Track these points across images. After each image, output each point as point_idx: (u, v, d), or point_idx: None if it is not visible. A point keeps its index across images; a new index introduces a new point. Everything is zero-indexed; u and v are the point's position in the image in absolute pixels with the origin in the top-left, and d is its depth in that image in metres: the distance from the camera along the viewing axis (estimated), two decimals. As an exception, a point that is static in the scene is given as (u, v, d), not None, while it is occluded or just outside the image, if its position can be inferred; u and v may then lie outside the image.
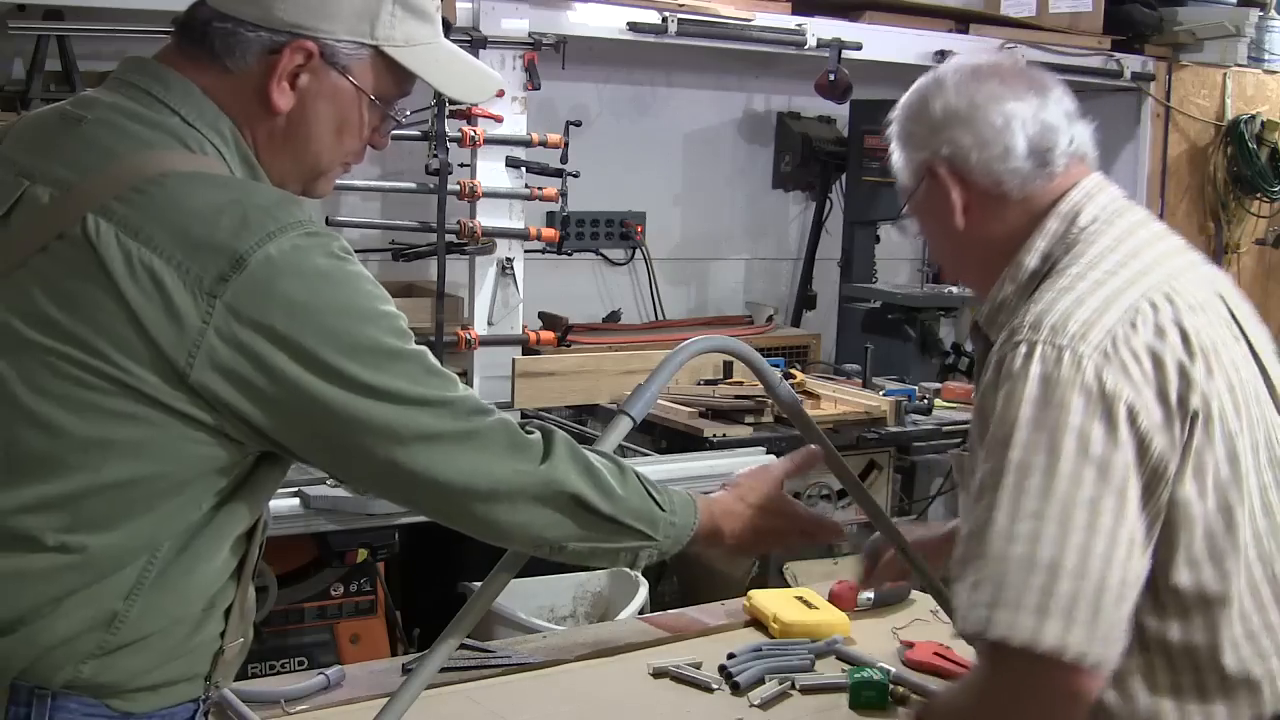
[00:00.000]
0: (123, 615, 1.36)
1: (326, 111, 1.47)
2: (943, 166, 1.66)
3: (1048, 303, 1.52)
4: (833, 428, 3.75)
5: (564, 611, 3.39)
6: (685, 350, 1.88)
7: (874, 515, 2.17)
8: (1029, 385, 1.45)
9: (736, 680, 2.17)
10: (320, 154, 1.50)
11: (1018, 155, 1.64)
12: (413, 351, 1.44)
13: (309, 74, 1.44)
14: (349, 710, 2.03)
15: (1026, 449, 1.43)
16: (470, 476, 1.46)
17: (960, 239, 1.69)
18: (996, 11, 5.30)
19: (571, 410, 4.11)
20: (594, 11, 4.23)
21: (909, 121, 1.73)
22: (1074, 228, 1.62)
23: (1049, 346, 1.46)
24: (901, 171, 1.75)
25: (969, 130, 1.65)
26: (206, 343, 1.31)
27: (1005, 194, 1.64)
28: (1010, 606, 1.39)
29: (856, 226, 5.02)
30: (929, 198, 1.69)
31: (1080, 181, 1.66)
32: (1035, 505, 1.41)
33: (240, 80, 1.44)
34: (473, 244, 4.04)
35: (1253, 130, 5.46)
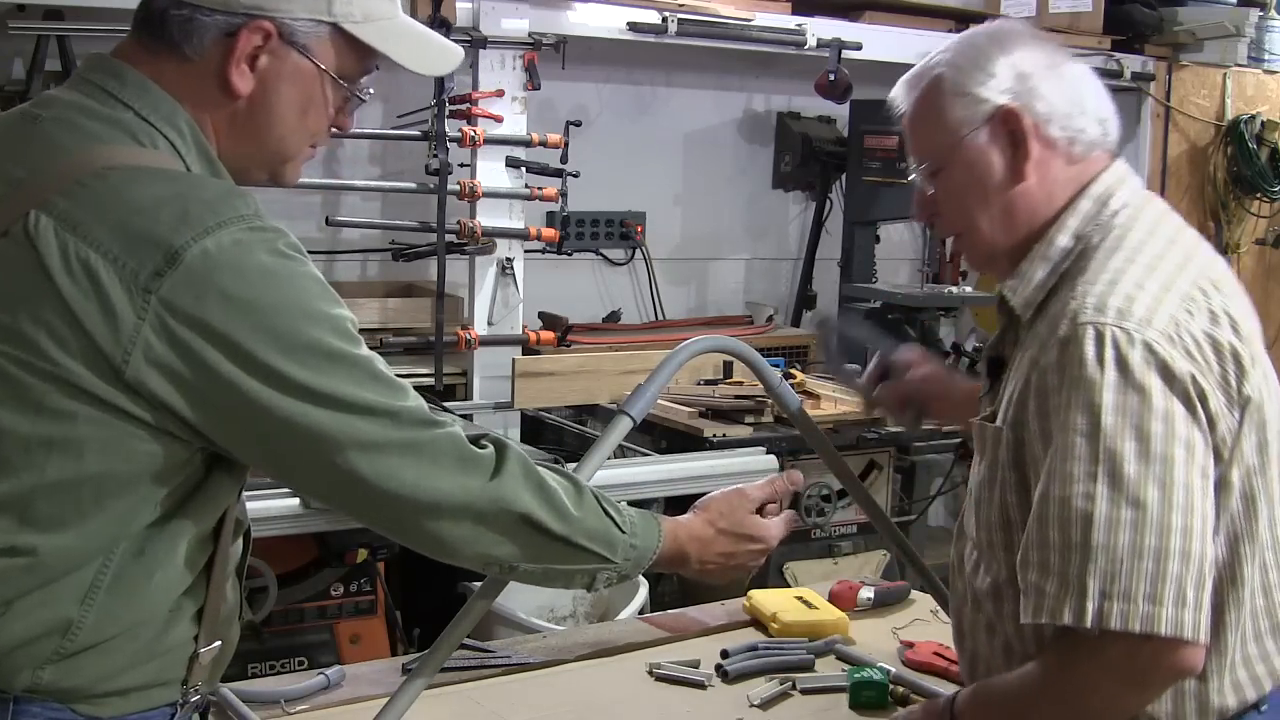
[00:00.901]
0: (80, 618, 1.34)
1: (289, 93, 1.45)
2: (1024, 112, 1.61)
3: (1106, 284, 1.52)
4: (833, 428, 3.74)
5: (564, 611, 3.39)
6: (685, 350, 1.89)
7: (874, 515, 2.17)
8: (1106, 369, 1.45)
9: (727, 670, 2.18)
10: (285, 137, 1.48)
11: (1090, 116, 1.64)
12: (358, 356, 1.38)
13: (268, 55, 1.42)
14: (349, 710, 2.03)
15: (1115, 434, 1.43)
16: (413, 489, 1.42)
17: (1010, 199, 1.64)
18: (996, 11, 5.31)
19: (571, 410, 4.11)
20: (594, 11, 4.23)
21: (979, 61, 1.64)
22: (1106, 210, 1.62)
23: (1119, 330, 1.46)
24: (952, 114, 1.65)
25: (1056, 83, 1.63)
26: (142, 339, 1.29)
27: (1070, 155, 1.63)
28: (1124, 597, 1.41)
29: (856, 226, 5.02)
30: (988, 147, 1.63)
31: (1112, 165, 1.66)
32: (1134, 492, 1.42)
33: (199, 68, 1.41)
34: (473, 244, 4.04)
35: (1253, 130, 5.46)
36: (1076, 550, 1.43)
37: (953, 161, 1.66)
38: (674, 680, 2.20)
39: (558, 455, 3.41)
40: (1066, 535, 1.44)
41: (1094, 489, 1.43)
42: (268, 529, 2.88)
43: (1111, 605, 1.41)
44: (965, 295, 4.91)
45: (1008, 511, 1.59)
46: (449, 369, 4.06)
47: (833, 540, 3.85)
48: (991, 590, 1.63)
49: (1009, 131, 1.62)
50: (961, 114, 1.64)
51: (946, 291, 4.81)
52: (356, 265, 4.45)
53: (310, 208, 4.28)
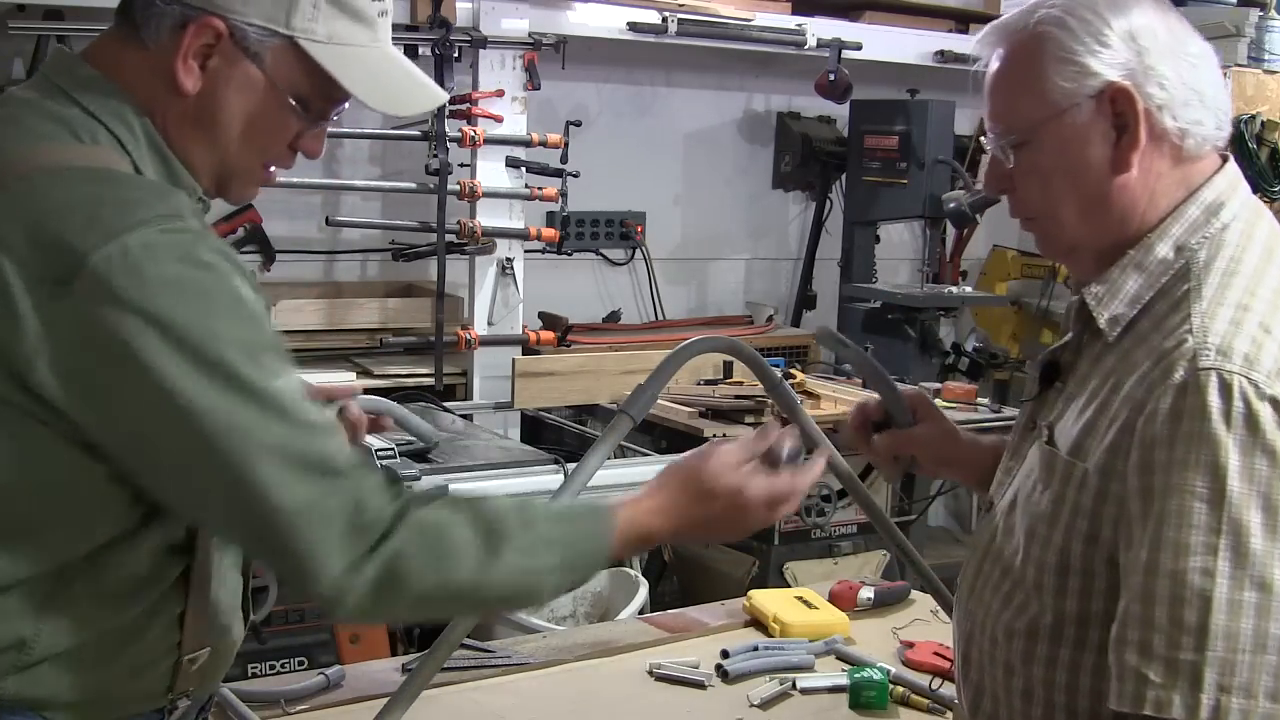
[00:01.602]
0: (34, 633, 1.30)
1: (236, 101, 1.38)
2: (1138, 94, 1.38)
3: (1229, 323, 1.31)
4: (833, 428, 3.73)
5: (564, 611, 3.39)
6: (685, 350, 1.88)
7: (874, 515, 2.17)
8: (1234, 428, 1.26)
9: (727, 670, 2.18)
10: (229, 148, 1.40)
11: (1208, 107, 1.42)
12: (263, 388, 1.27)
13: (219, 57, 1.36)
14: (349, 710, 2.03)
15: (1240, 503, 1.24)
16: (298, 550, 1.30)
17: (1107, 189, 1.42)
18: (996, 11, 5.31)
19: (571, 410, 4.11)
20: (594, 11, 4.23)
21: (1094, 26, 1.40)
22: (1215, 221, 1.41)
23: (1246, 381, 1.27)
24: (1055, 81, 1.41)
25: (1174, 64, 1.40)
26: (47, 345, 1.23)
27: (1182, 149, 1.41)
28: (1245, 692, 1.24)
29: (856, 226, 5.02)
30: (1089, 125, 1.40)
31: (1224, 168, 1.46)
32: (1260, 572, 1.24)
33: (155, 57, 1.36)
34: (473, 244, 4.04)
35: (1253, 130, 5.46)
36: (1190, 634, 1.24)
37: (1044, 137, 1.42)
38: (674, 680, 2.20)
39: (558, 455, 3.42)
40: (1178, 615, 1.25)
41: (1214, 564, 1.24)
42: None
43: (1230, 701, 1.23)
44: (965, 295, 4.91)
45: (1069, 558, 1.40)
46: (449, 369, 4.06)
47: (833, 540, 3.85)
48: (1027, 631, 1.44)
49: (1118, 113, 1.39)
50: (1064, 84, 1.40)
51: (946, 291, 4.81)
52: (356, 265, 4.45)
53: (310, 208, 4.28)
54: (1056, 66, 1.40)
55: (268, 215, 4.15)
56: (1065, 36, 1.40)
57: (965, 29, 5.13)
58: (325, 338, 4.03)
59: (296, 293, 4.13)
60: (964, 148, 4.87)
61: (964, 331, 5.50)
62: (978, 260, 5.65)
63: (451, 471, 3.20)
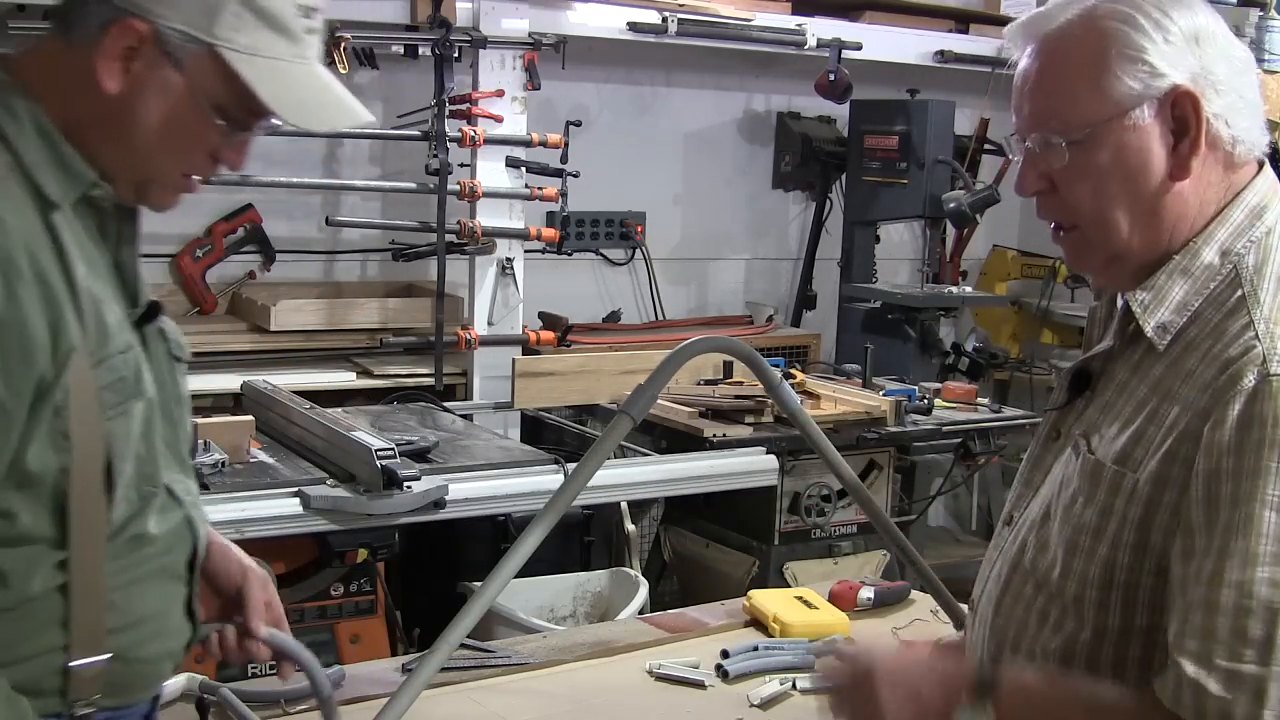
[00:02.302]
0: None
1: (155, 105, 1.37)
2: (1203, 100, 1.33)
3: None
4: (833, 428, 3.74)
5: (564, 611, 3.39)
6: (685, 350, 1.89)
7: (874, 515, 2.17)
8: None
9: (727, 670, 2.18)
10: (149, 153, 1.40)
11: (1255, 113, 1.38)
12: None
13: (142, 60, 1.36)
14: (349, 710, 2.02)
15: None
16: None
17: (1163, 193, 1.36)
18: (996, 11, 5.31)
19: (571, 410, 4.11)
20: (594, 11, 4.23)
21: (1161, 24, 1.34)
22: (1260, 225, 1.38)
23: None
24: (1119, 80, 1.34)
25: (1229, 67, 1.35)
26: None
27: (1233, 155, 1.37)
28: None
29: (856, 226, 5.02)
30: (1150, 128, 1.35)
31: (1263, 171, 1.42)
32: None
33: (77, 55, 1.37)
34: (473, 244, 4.04)
35: (1253, 130, 5.46)
36: (1254, 647, 1.20)
37: (1102, 138, 1.35)
38: (674, 680, 2.20)
39: (558, 455, 3.42)
40: (1242, 627, 1.21)
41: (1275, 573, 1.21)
42: (268, 529, 2.89)
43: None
44: (965, 295, 4.91)
45: (1114, 571, 1.36)
46: (449, 369, 4.06)
47: (833, 540, 3.85)
48: (1062, 652, 1.40)
49: (1178, 118, 1.34)
50: (1131, 84, 1.33)
51: (946, 291, 4.81)
52: (356, 265, 4.45)
53: (310, 208, 4.28)
54: (1124, 65, 1.34)
55: (268, 215, 4.16)
56: (1134, 32, 1.34)
57: (965, 29, 5.13)
58: (325, 338, 4.03)
59: (296, 293, 4.13)
60: (964, 148, 4.87)
61: (964, 331, 5.50)
62: (978, 260, 5.65)
63: (451, 472, 3.20)
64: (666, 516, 3.88)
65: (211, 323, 4.04)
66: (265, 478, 3.07)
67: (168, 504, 1.50)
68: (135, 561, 1.45)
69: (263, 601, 1.66)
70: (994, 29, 4.95)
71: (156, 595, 1.49)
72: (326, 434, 3.21)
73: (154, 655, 1.50)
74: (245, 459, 3.15)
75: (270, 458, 3.23)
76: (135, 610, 1.46)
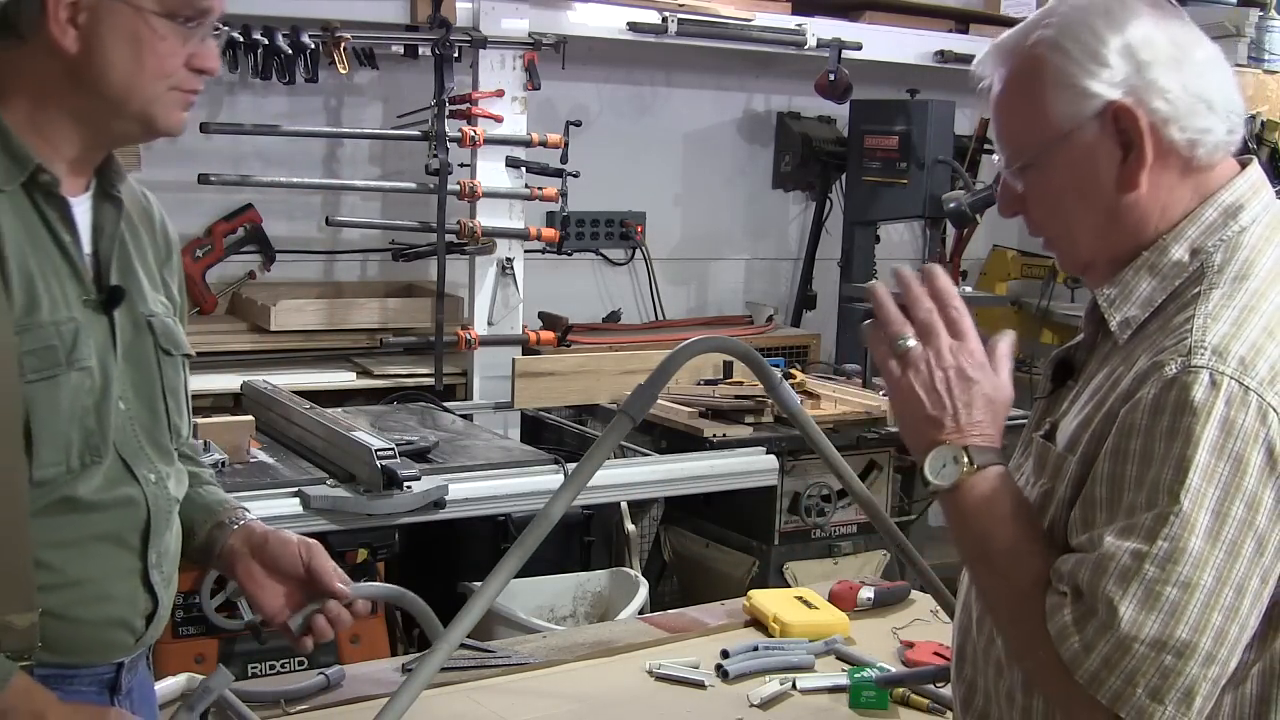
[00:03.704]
0: None
1: (114, 39, 1.48)
2: (1141, 112, 1.35)
3: (1231, 324, 1.31)
4: (833, 428, 3.74)
5: (564, 611, 3.39)
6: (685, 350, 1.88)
7: (874, 515, 2.17)
8: (1210, 425, 1.26)
9: (727, 670, 2.18)
10: (128, 83, 1.50)
11: (1217, 114, 1.38)
12: None
13: (86, 12, 1.47)
14: (349, 710, 2.03)
15: (1195, 501, 1.25)
16: None
17: (1117, 206, 1.40)
18: (996, 11, 5.31)
19: (571, 410, 4.11)
20: (594, 11, 4.23)
21: (1090, 45, 1.37)
22: (1233, 224, 1.39)
23: (1235, 384, 1.26)
24: (1055, 105, 1.38)
25: (1177, 74, 1.36)
26: None
27: (1192, 160, 1.39)
28: (1126, 678, 1.25)
29: (856, 226, 5.02)
30: (1094, 146, 1.38)
31: (1245, 171, 1.44)
32: (1188, 573, 1.25)
33: (34, 44, 1.48)
34: (473, 244, 4.04)
35: (1253, 130, 5.46)
36: (1101, 604, 1.26)
37: (1049, 160, 1.40)
38: (674, 680, 2.20)
39: (558, 455, 3.42)
40: (1096, 586, 1.27)
41: (1148, 550, 1.25)
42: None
43: (1109, 679, 1.26)
44: (965, 295, 4.86)
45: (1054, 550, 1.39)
46: (449, 369, 4.06)
47: (833, 540, 3.85)
48: None
49: (1120, 131, 1.37)
50: (1064, 109, 1.38)
51: (946, 291, 4.80)
52: (356, 265, 4.45)
53: (310, 208, 4.28)
54: (1055, 92, 1.38)
55: (268, 215, 4.15)
56: (1062, 61, 1.38)
57: (965, 29, 5.13)
58: (325, 338, 4.03)
59: (296, 293, 4.13)
60: (964, 148, 4.86)
61: (964, 331, 5.49)
62: (978, 260, 5.65)
63: (451, 471, 3.20)
64: (666, 516, 3.88)
65: (211, 323, 4.04)
66: (265, 478, 3.08)
67: (120, 477, 1.56)
68: (70, 524, 1.52)
69: (333, 567, 1.73)
70: (994, 29, 4.95)
71: (98, 561, 1.55)
72: (326, 434, 3.21)
73: (96, 618, 1.56)
74: (245, 459, 3.15)
75: (270, 458, 3.23)
76: (72, 572, 1.52)
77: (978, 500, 1.39)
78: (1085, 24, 1.38)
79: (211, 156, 3.87)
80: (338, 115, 4.29)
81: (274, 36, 3.63)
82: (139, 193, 1.69)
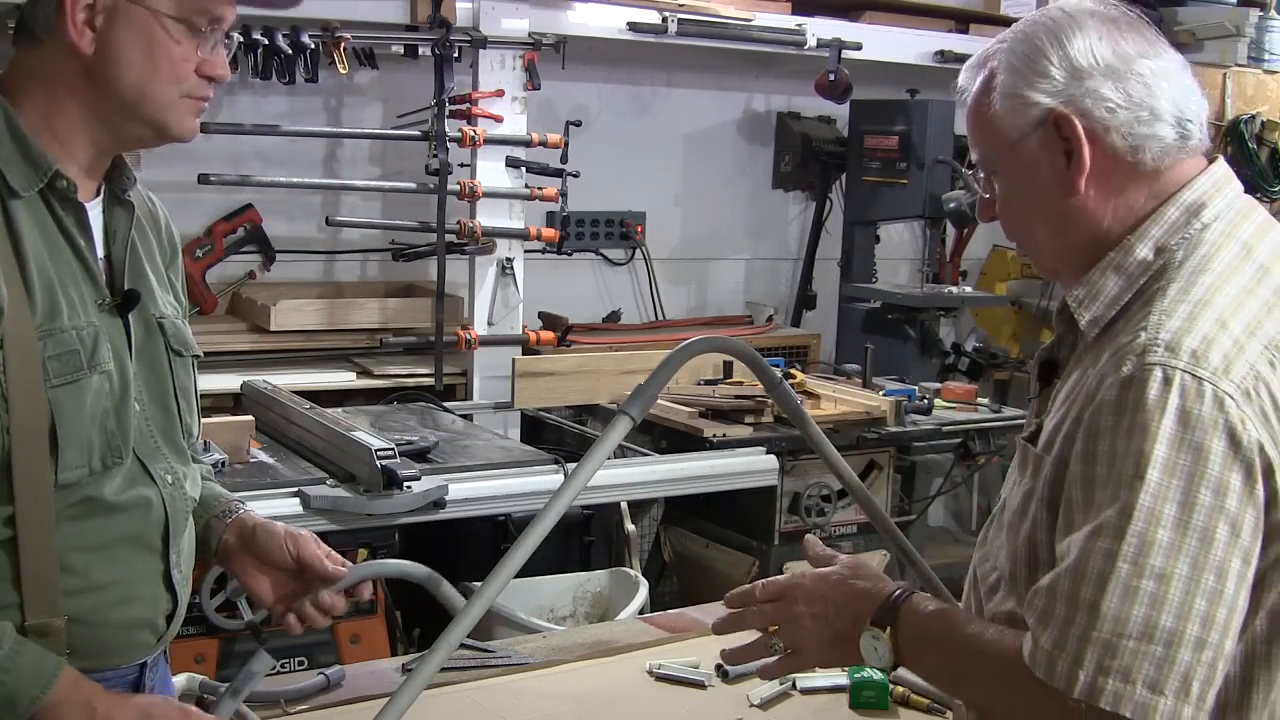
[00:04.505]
0: None
1: (129, 43, 1.50)
2: (1078, 119, 1.43)
3: (1184, 319, 1.35)
4: (833, 428, 3.74)
5: (564, 611, 3.39)
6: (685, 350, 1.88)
7: (874, 515, 2.17)
8: (1165, 419, 1.29)
9: (727, 670, 2.18)
10: (141, 87, 1.52)
11: (1164, 121, 1.44)
12: None
13: (103, 14, 1.49)
14: (349, 710, 2.03)
15: (1158, 495, 1.27)
16: None
17: (1065, 211, 1.47)
18: (996, 11, 5.31)
19: (571, 410, 4.11)
20: (594, 11, 4.23)
21: (1032, 58, 1.46)
22: (1196, 222, 1.44)
23: (1189, 377, 1.30)
24: (1003, 116, 1.48)
25: (1117, 84, 1.43)
26: None
27: (1138, 165, 1.45)
28: (1123, 677, 1.26)
29: (856, 226, 5.02)
30: (1039, 154, 1.46)
31: (1209, 169, 1.49)
32: (1162, 563, 1.27)
33: (49, 45, 1.50)
34: (473, 244, 4.04)
35: (1253, 130, 5.46)
36: (1083, 610, 1.28)
37: (1004, 168, 1.50)
38: (674, 680, 2.20)
39: (558, 455, 3.42)
40: (1076, 590, 1.29)
41: (1119, 548, 1.28)
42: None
43: (1106, 682, 1.27)
44: (965, 295, 4.91)
45: (1035, 550, 1.44)
46: (449, 369, 4.06)
47: (833, 540, 3.84)
48: (1008, 619, 1.47)
49: (1063, 138, 1.45)
50: (1010, 118, 1.47)
51: (946, 291, 4.81)
52: (356, 265, 4.45)
53: (310, 208, 4.28)
54: (1003, 101, 1.47)
55: (268, 215, 4.15)
56: (1008, 74, 1.47)
57: (965, 29, 5.13)
58: (325, 338, 4.03)
59: (296, 293, 4.13)
60: (964, 148, 4.86)
61: (964, 331, 5.50)
62: (978, 260, 5.65)
63: (451, 471, 3.20)
64: (666, 516, 3.88)
65: (211, 323, 4.04)
66: (265, 478, 3.08)
67: (138, 478, 1.58)
68: (95, 528, 1.53)
69: (323, 552, 1.75)
70: (994, 29, 4.94)
71: (123, 563, 1.57)
72: (326, 434, 3.21)
73: (122, 621, 1.58)
74: (245, 459, 3.15)
75: (270, 458, 3.23)
76: (98, 575, 1.54)
77: (918, 636, 1.48)
78: (1031, 38, 1.48)
79: (211, 156, 3.87)
80: (338, 115, 4.29)
81: (274, 36, 3.63)
82: (144, 195, 1.71)
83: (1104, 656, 1.27)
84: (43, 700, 1.43)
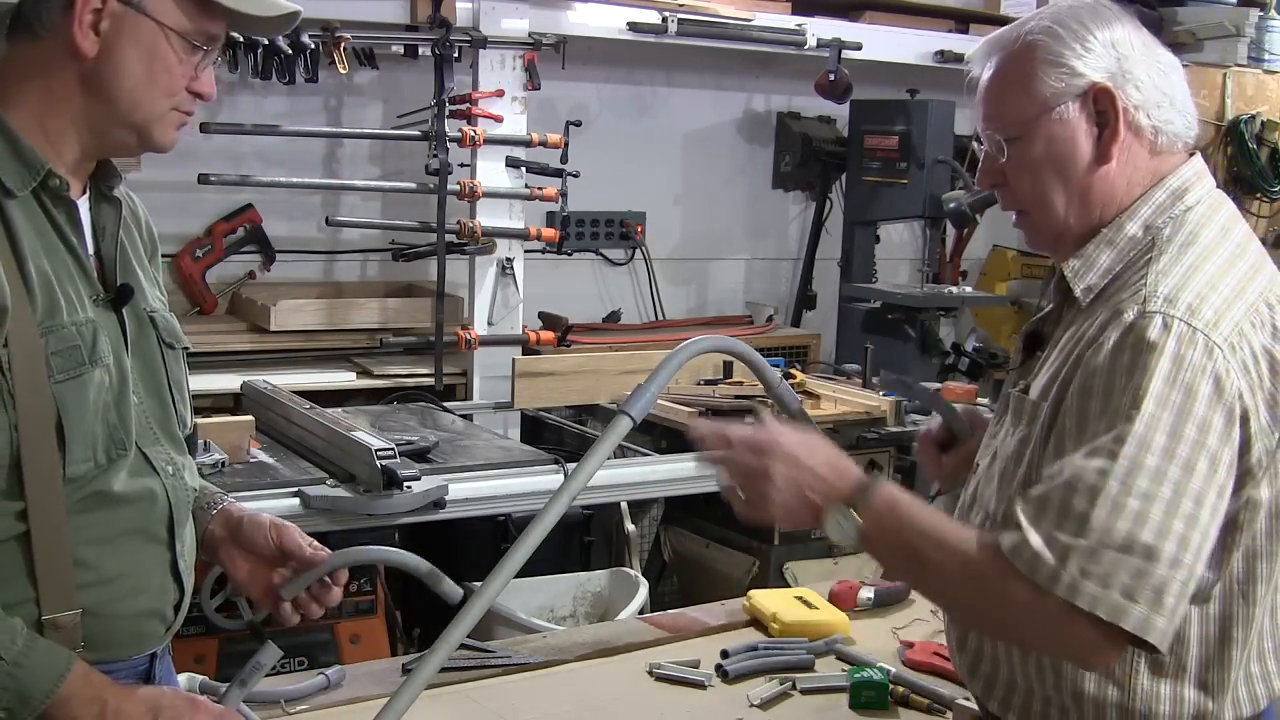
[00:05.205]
0: None
1: (132, 51, 1.52)
2: (1119, 95, 1.57)
3: (1180, 277, 1.50)
4: (833, 428, 3.74)
5: (564, 611, 3.39)
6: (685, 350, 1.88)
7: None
8: (1163, 360, 1.44)
9: (727, 670, 2.18)
10: (137, 95, 1.54)
11: (1177, 109, 1.61)
12: None
13: (109, 19, 1.51)
14: (349, 710, 2.03)
15: (1150, 424, 1.42)
16: None
17: (1091, 181, 1.60)
18: (996, 11, 5.31)
19: (571, 410, 4.11)
20: (594, 11, 4.23)
21: (1080, 34, 1.58)
22: (1179, 204, 1.59)
23: (1185, 325, 1.45)
24: (1044, 82, 1.58)
25: (1147, 68, 1.59)
26: None
27: (1152, 146, 1.60)
28: (1100, 581, 1.40)
29: (856, 226, 5.02)
30: (1075, 123, 1.58)
31: (1190, 160, 1.64)
32: (1147, 485, 1.41)
33: (48, 43, 1.51)
34: (473, 244, 4.04)
35: (1253, 130, 5.46)
36: (1073, 519, 1.42)
37: (1034, 133, 1.59)
38: (674, 680, 2.20)
39: (558, 455, 3.42)
40: (1068, 501, 1.43)
41: (1110, 467, 1.41)
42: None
43: (1086, 584, 1.40)
44: (965, 295, 4.90)
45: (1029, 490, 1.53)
46: (449, 369, 4.06)
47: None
48: None
49: (1100, 111, 1.58)
50: (1054, 84, 1.57)
51: (946, 291, 4.81)
52: (356, 265, 4.46)
53: (310, 208, 4.28)
54: (1046, 69, 1.58)
55: (268, 215, 4.16)
56: (1054, 43, 1.58)
57: (965, 29, 5.13)
58: (325, 338, 4.03)
59: (296, 293, 4.13)
60: (964, 148, 4.86)
61: (964, 331, 5.50)
62: (978, 260, 5.65)
63: (451, 472, 3.20)
64: (666, 516, 3.88)
65: (211, 323, 4.04)
66: (265, 478, 3.07)
67: (141, 469, 1.60)
68: (104, 520, 1.55)
69: (305, 541, 1.77)
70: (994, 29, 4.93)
71: (132, 555, 1.59)
72: (326, 434, 3.21)
73: (132, 612, 1.60)
74: (245, 459, 3.15)
75: (270, 458, 3.23)
76: (108, 568, 1.56)
77: (885, 522, 1.55)
78: (1076, 18, 1.60)
79: (211, 156, 3.87)
80: (338, 115, 4.29)
81: (274, 36, 3.63)
82: (124, 192, 1.71)
83: (1087, 562, 1.40)
84: (55, 695, 1.45)
